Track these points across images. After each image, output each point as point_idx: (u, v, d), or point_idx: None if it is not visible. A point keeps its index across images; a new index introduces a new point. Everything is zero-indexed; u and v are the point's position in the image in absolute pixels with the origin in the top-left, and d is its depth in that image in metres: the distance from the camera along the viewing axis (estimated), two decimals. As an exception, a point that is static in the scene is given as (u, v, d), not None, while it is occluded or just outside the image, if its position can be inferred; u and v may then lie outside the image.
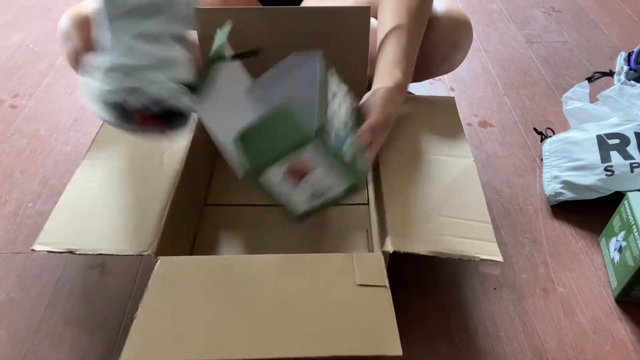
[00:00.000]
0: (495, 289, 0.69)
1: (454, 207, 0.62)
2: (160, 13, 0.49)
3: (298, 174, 0.55)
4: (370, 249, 0.69)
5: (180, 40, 0.51)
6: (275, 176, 0.55)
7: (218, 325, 0.49)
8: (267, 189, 0.57)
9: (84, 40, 0.72)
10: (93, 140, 0.70)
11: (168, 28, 0.49)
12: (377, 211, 0.69)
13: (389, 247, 0.56)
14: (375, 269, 0.54)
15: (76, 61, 0.74)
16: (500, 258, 0.56)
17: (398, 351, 0.47)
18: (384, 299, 0.51)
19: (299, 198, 0.59)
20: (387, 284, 0.52)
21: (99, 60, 0.49)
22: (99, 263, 0.71)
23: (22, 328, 0.63)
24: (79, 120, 0.98)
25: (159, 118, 0.50)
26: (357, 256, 0.55)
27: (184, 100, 0.50)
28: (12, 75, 1.10)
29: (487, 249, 0.57)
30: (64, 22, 0.72)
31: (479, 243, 0.58)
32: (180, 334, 0.48)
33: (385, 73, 0.66)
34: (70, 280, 0.69)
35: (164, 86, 0.48)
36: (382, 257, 0.56)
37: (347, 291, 0.52)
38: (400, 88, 0.65)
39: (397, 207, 0.61)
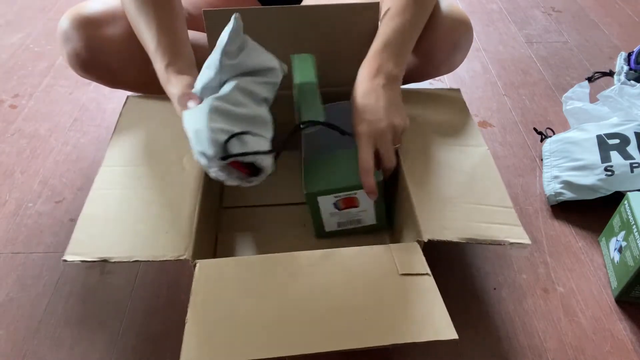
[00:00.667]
0: (495, 289, 0.69)
1: (477, 193, 0.63)
2: (260, 76, 0.58)
3: (348, 204, 0.66)
4: (395, 240, 0.70)
5: (267, 103, 0.58)
6: (327, 199, 0.65)
7: (268, 323, 0.49)
8: (315, 206, 0.65)
9: (84, 41, 0.72)
10: (108, 146, 0.69)
11: (261, 89, 0.57)
12: (396, 202, 0.70)
13: (424, 236, 0.57)
14: (415, 258, 0.55)
15: (76, 62, 0.74)
16: (527, 240, 0.57)
17: (453, 335, 0.48)
18: (429, 286, 0.52)
19: (335, 220, 0.68)
20: (429, 272, 0.54)
21: (206, 99, 0.54)
22: (99, 263, 0.71)
23: (22, 328, 0.64)
24: (79, 120, 0.98)
25: (247, 167, 0.55)
26: (394, 247, 0.57)
27: (269, 160, 0.54)
28: (12, 75, 1.10)
29: (513, 233, 0.58)
30: (64, 22, 0.72)
31: (505, 227, 0.59)
32: (232, 334, 0.48)
33: (369, 61, 0.65)
34: (70, 280, 0.69)
35: (261, 142, 0.54)
36: (418, 246, 0.57)
37: (392, 281, 0.53)
38: (387, 78, 0.64)
39: (424, 197, 0.62)
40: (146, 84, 0.79)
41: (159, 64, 0.63)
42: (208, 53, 0.71)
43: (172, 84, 0.61)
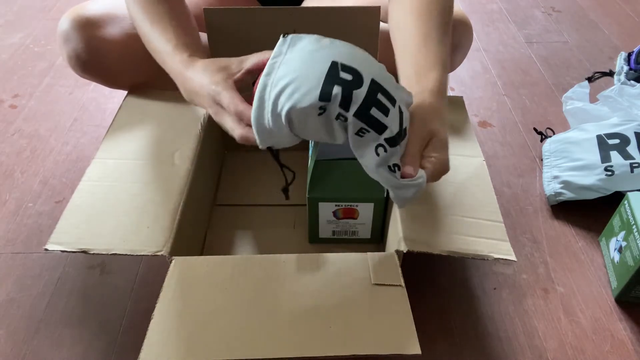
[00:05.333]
0: (495, 289, 0.69)
1: (466, 206, 0.62)
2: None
3: (347, 215, 0.66)
4: (381, 249, 0.69)
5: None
6: (328, 206, 0.65)
7: (234, 325, 0.49)
8: (314, 211, 0.66)
9: (84, 41, 0.72)
10: (103, 139, 0.70)
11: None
12: (385, 210, 0.69)
13: (403, 247, 0.56)
14: (390, 269, 0.54)
15: (76, 62, 0.74)
16: (513, 257, 0.56)
17: (416, 350, 0.47)
18: (400, 298, 0.51)
19: (331, 228, 0.69)
20: (403, 283, 0.53)
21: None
22: (99, 263, 0.71)
23: (22, 328, 0.64)
24: (79, 120, 0.98)
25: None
26: (371, 256, 0.56)
27: None
28: (12, 75, 1.10)
29: (500, 248, 0.57)
30: (64, 23, 0.72)
31: (491, 242, 0.58)
32: (197, 334, 0.48)
33: (418, 77, 0.55)
34: (70, 280, 0.69)
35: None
36: (396, 257, 0.56)
37: (363, 291, 0.52)
38: (438, 93, 0.54)
39: (409, 206, 0.61)
40: (146, 85, 0.79)
41: (178, 57, 0.58)
42: (208, 52, 0.71)
43: (197, 69, 0.55)
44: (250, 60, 0.53)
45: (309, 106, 0.44)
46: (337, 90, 0.43)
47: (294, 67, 0.45)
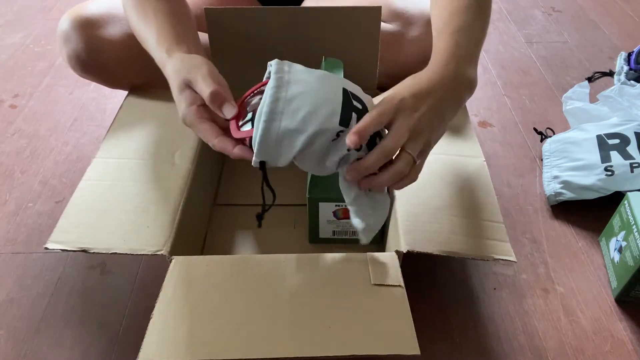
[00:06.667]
0: (495, 289, 0.69)
1: (466, 206, 0.62)
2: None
3: (348, 215, 0.64)
4: (381, 249, 0.69)
5: None
6: (328, 206, 0.65)
7: (233, 324, 0.49)
8: (315, 211, 0.66)
9: (83, 41, 0.72)
10: (104, 138, 0.70)
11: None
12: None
13: (403, 247, 0.56)
14: (390, 269, 0.54)
15: (76, 62, 0.74)
16: (513, 258, 0.56)
17: (416, 350, 0.47)
18: (400, 298, 0.51)
19: (332, 228, 0.68)
20: (402, 284, 0.53)
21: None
22: (99, 263, 0.71)
23: (22, 328, 0.64)
24: (79, 120, 0.98)
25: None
26: (371, 256, 0.56)
27: None
28: (12, 75, 1.10)
29: (500, 249, 0.57)
30: (64, 23, 0.72)
31: (491, 243, 0.58)
32: (196, 333, 0.48)
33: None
34: (70, 280, 0.69)
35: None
36: (396, 257, 0.56)
37: (363, 291, 0.52)
38: (441, 74, 0.49)
39: (409, 206, 0.61)
40: (146, 85, 0.79)
41: (159, 53, 0.56)
42: (208, 52, 0.71)
43: (172, 62, 0.53)
44: (205, 87, 0.49)
45: (330, 128, 0.45)
46: (354, 117, 0.46)
47: (308, 87, 0.47)
